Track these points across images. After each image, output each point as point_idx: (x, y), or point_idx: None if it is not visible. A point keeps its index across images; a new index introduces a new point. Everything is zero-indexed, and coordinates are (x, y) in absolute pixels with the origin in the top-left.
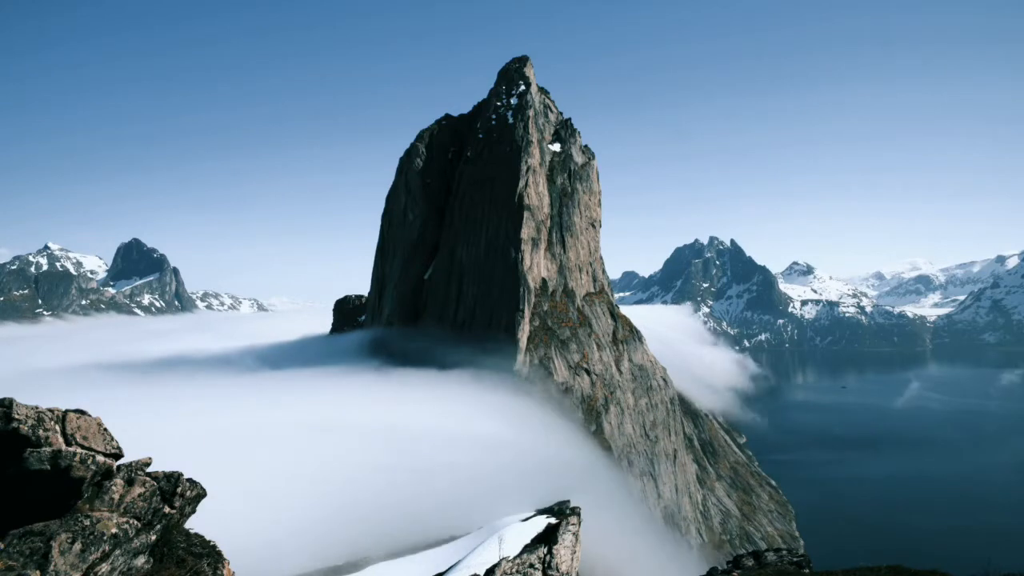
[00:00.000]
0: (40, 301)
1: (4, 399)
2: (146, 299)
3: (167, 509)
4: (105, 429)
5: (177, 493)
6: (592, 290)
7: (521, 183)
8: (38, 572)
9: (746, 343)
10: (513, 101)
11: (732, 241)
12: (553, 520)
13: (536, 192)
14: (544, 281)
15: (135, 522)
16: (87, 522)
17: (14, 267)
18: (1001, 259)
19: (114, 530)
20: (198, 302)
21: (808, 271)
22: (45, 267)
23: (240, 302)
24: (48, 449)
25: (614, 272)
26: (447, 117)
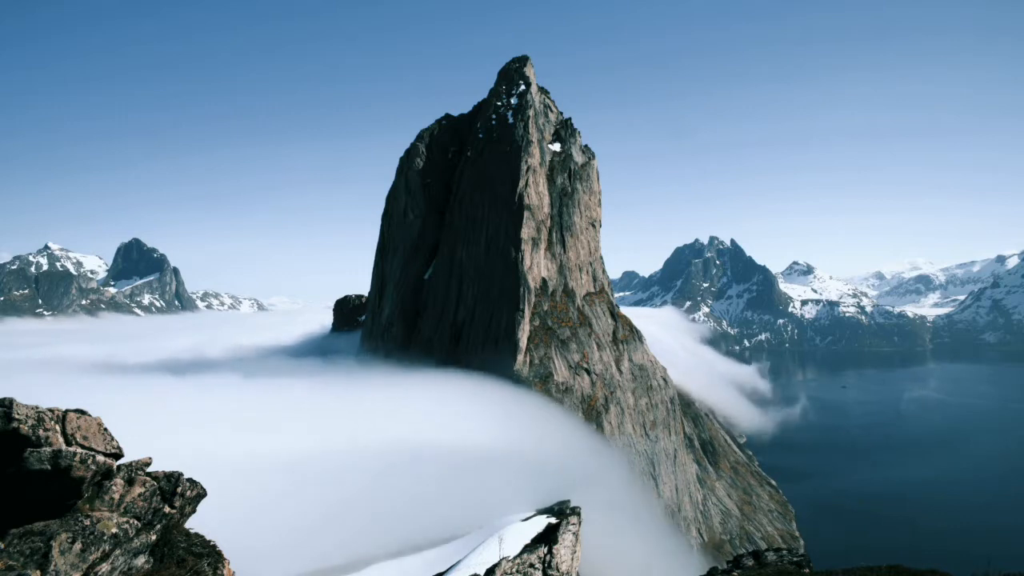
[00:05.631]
0: (40, 301)
1: (4, 399)
2: (146, 299)
3: (167, 509)
4: (105, 429)
5: (177, 493)
6: (592, 290)
7: (521, 183)
8: (38, 572)
9: (746, 343)
10: (513, 101)
11: (732, 241)
12: (553, 520)
13: (536, 192)
14: (544, 281)
15: (135, 522)
16: (87, 522)
17: (14, 267)
18: (1001, 259)
19: (114, 530)
20: (198, 302)
21: (808, 271)
22: (45, 267)
23: (240, 302)
24: (48, 449)
25: (614, 272)
26: (447, 117)
